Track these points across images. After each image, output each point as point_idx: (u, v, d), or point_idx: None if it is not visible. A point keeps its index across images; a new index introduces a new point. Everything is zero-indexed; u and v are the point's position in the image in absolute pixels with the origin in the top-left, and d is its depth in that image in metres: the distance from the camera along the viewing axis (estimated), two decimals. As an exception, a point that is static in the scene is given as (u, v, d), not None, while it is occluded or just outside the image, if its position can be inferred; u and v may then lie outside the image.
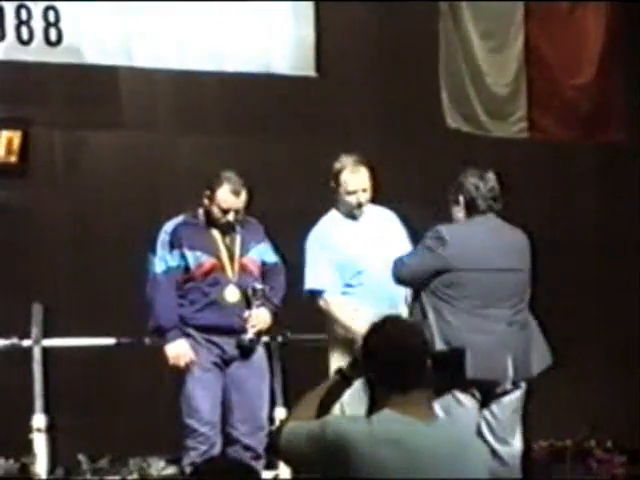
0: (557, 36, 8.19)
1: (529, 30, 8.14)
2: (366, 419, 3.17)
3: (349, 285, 5.59)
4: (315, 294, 5.60)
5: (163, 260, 5.58)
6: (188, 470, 5.55)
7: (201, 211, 5.69)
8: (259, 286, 5.62)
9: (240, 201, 5.62)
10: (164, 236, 5.61)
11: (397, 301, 5.50)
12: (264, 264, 5.73)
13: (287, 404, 6.32)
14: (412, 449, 3.09)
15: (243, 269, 5.66)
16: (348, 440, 3.08)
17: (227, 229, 5.65)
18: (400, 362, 3.16)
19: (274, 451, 3.28)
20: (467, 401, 4.97)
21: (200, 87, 7.42)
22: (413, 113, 7.79)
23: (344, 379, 3.33)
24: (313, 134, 7.57)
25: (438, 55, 7.91)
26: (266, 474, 5.99)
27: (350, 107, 7.69)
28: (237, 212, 5.62)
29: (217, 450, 5.52)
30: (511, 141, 8.03)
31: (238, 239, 5.70)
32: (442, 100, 7.89)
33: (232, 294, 5.61)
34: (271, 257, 5.77)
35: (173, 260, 5.58)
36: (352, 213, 5.64)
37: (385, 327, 3.30)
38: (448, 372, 4.88)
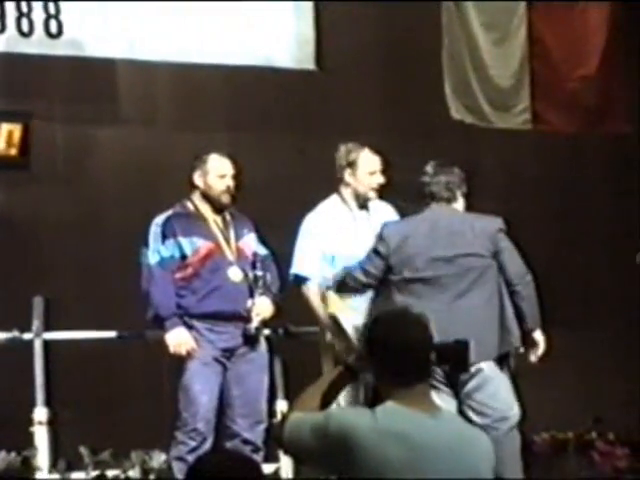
0: (560, 27, 8.17)
1: (532, 21, 8.13)
2: (370, 411, 3.16)
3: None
4: (299, 280, 5.67)
5: (156, 252, 5.58)
6: (175, 464, 5.54)
7: (189, 203, 5.71)
8: (260, 273, 5.62)
9: (232, 166, 5.70)
10: (155, 228, 5.63)
11: None
12: (255, 255, 5.74)
13: (289, 397, 6.30)
14: (416, 442, 3.09)
15: (240, 253, 5.67)
16: (352, 432, 3.08)
17: (225, 206, 5.67)
18: (405, 355, 3.16)
19: (277, 443, 3.27)
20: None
21: (200, 81, 7.40)
22: (416, 105, 7.77)
23: (348, 371, 3.32)
24: (314, 128, 7.55)
25: (441, 47, 7.89)
26: (267, 467, 5.97)
27: (352, 100, 7.67)
28: (234, 178, 5.67)
29: (208, 445, 5.50)
30: (518, 133, 8.02)
31: (231, 225, 5.73)
32: (445, 92, 7.88)
33: (235, 274, 5.61)
34: (262, 249, 5.80)
35: (166, 251, 5.58)
36: (368, 196, 5.69)
37: (389, 319, 3.30)
38: (450, 365, 4.90)
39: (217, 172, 5.68)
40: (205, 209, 5.70)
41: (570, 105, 8.16)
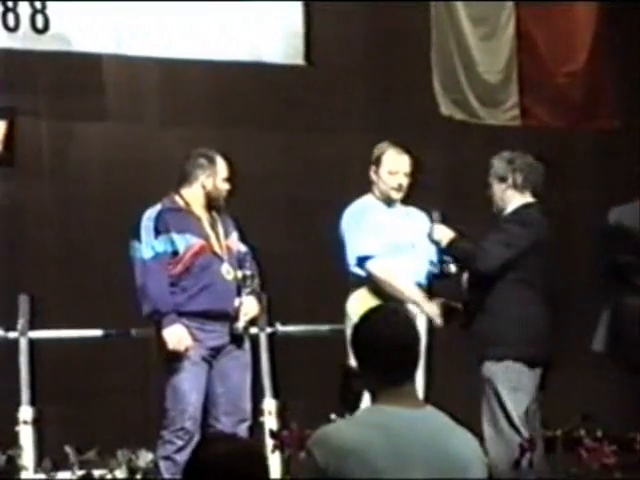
0: (548, 23, 8.15)
1: (520, 17, 8.11)
2: (350, 418, 3.12)
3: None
4: (364, 261, 5.57)
5: (150, 246, 5.53)
6: (162, 463, 5.52)
7: (177, 197, 5.66)
8: (249, 272, 5.61)
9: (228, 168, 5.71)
10: (147, 223, 5.57)
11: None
12: (239, 253, 5.72)
13: (277, 395, 6.28)
14: (396, 433, 3.04)
15: (229, 250, 5.66)
16: (337, 451, 3.00)
17: (220, 207, 5.67)
18: (393, 355, 3.11)
19: None
20: None
21: (187, 77, 7.35)
22: (405, 100, 7.74)
23: None
24: (303, 123, 7.51)
25: (430, 42, 7.86)
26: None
27: (341, 95, 7.63)
28: (228, 180, 5.67)
29: (194, 443, 5.46)
30: (506, 128, 8.00)
31: (219, 222, 5.70)
32: (434, 88, 7.85)
33: (228, 272, 5.60)
34: (242, 246, 5.77)
35: (160, 246, 5.53)
36: (390, 195, 5.67)
37: (377, 318, 3.24)
38: None
39: (223, 175, 5.67)
40: (197, 206, 5.66)
41: (558, 101, 8.14)
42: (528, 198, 5.68)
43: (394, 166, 5.67)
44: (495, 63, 8.08)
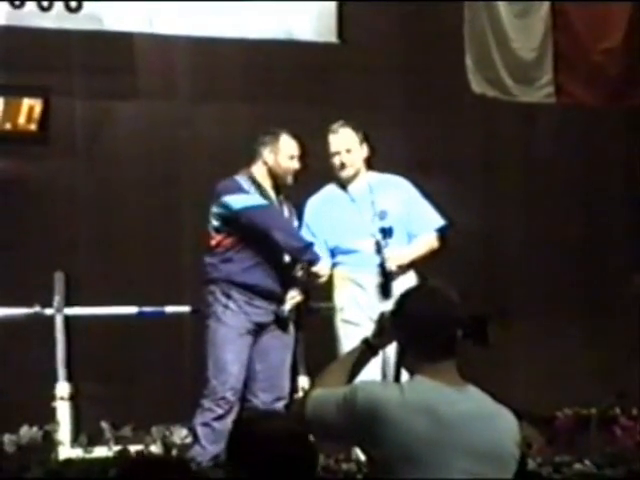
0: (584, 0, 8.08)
1: (555, -6, 8.05)
2: (397, 385, 3.15)
3: (342, 253, 5.73)
4: None
5: (260, 198, 5.63)
6: (200, 429, 5.55)
7: (255, 170, 5.69)
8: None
9: (299, 147, 5.78)
10: (244, 182, 5.63)
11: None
12: None
13: (309, 373, 6.29)
14: (442, 415, 3.07)
15: None
16: (380, 406, 3.05)
17: (285, 186, 5.75)
18: (434, 331, 3.13)
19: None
20: None
21: (220, 54, 7.35)
22: (437, 79, 7.71)
23: (369, 348, 3.29)
24: (336, 101, 7.49)
25: (462, 20, 7.82)
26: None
27: (374, 73, 7.61)
28: (299, 159, 5.73)
29: (233, 415, 5.53)
30: (538, 107, 7.94)
31: (285, 207, 5.80)
32: (467, 65, 7.80)
33: (284, 253, 5.66)
34: None
35: (263, 200, 5.62)
36: (340, 176, 5.78)
37: (421, 295, 3.26)
38: (473, 340, 4.91)
39: (288, 152, 5.73)
40: (267, 185, 5.72)
41: (594, 78, 8.07)
42: None
43: (332, 148, 5.80)
44: (530, 40, 8.02)
